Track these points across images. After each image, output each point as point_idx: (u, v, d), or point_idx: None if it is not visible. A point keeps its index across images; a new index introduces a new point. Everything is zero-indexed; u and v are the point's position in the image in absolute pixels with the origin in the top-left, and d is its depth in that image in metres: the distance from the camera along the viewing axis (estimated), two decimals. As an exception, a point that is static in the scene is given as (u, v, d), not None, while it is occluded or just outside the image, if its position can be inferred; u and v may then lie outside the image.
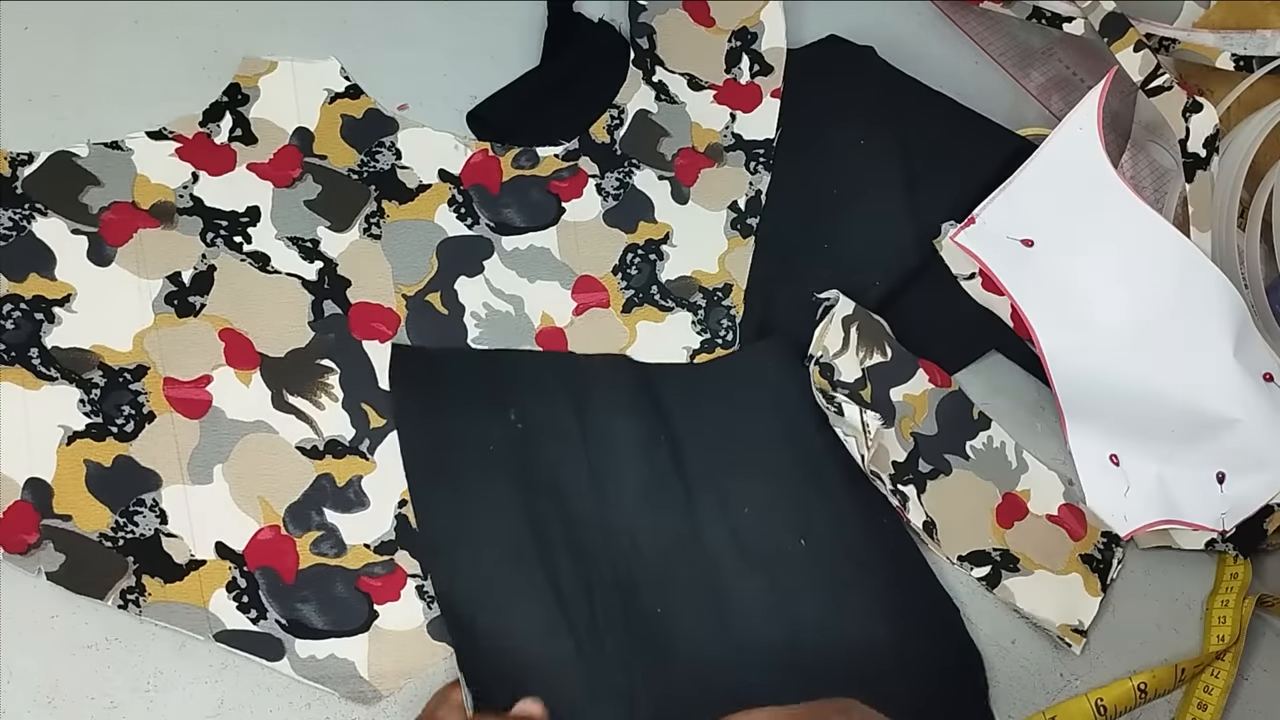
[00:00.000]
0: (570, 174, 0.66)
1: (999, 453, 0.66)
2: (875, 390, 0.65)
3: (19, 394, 0.55)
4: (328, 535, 0.57)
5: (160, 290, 0.58)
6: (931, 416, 0.66)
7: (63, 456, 0.55)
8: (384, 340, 0.61)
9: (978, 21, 0.76)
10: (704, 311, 0.66)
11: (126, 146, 0.60)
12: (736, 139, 0.69)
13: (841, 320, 0.65)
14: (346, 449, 0.58)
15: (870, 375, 0.66)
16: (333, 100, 0.64)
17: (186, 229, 0.60)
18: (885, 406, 0.65)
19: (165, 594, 0.54)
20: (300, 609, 0.55)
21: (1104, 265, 0.63)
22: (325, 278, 0.61)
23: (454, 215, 0.64)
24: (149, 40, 0.63)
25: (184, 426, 0.57)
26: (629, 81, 0.69)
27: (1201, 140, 0.64)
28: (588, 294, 0.64)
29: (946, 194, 0.69)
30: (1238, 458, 0.61)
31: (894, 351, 0.66)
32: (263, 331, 0.59)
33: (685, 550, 0.58)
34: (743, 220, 0.68)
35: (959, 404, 0.67)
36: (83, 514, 0.54)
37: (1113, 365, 0.63)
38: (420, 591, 0.57)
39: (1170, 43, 0.69)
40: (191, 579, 0.55)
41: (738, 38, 0.71)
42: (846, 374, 0.65)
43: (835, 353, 0.65)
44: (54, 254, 0.57)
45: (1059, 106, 0.75)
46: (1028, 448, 0.67)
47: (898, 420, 0.65)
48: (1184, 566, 0.67)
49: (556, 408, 0.60)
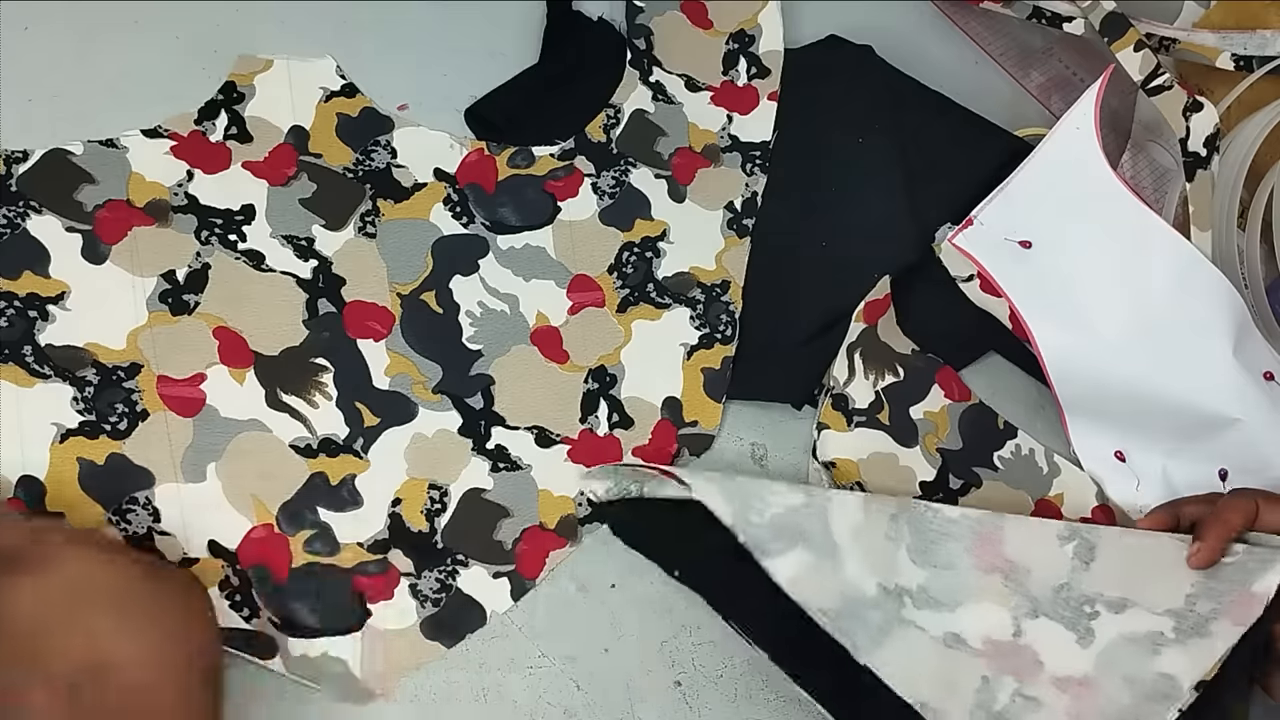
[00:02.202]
0: (566, 173, 0.66)
1: (1028, 460, 0.66)
2: (893, 411, 0.65)
3: (12, 391, 0.55)
4: (321, 534, 0.57)
5: (154, 288, 0.58)
6: (955, 431, 0.66)
7: (56, 454, 0.54)
8: (378, 339, 0.60)
9: (977, 21, 0.76)
10: (702, 306, 0.65)
11: (121, 144, 0.60)
12: (733, 140, 0.69)
13: (846, 349, 0.65)
14: (340, 448, 0.58)
15: (886, 396, 0.66)
16: (328, 99, 0.64)
17: (181, 227, 0.59)
18: (906, 426, 0.65)
19: (157, 592, 0.54)
20: (293, 607, 0.55)
21: (1102, 266, 0.63)
22: (320, 276, 0.61)
23: (449, 214, 0.64)
24: (149, 40, 0.63)
25: (177, 425, 0.56)
26: (626, 81, 0.69)
27: (1202, 140, 0.63)
28: (583, 293, 0.64)
29: (945, 193, 0.69)
30: (1240, 456, 0.61)
31: (906, 370, 0.66)
32: (257, 330, 0.59)
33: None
34: (739, 221, 0.67)
35: (982, 415, 0.67)
36: (76, 512, 0.54)
37: (1112, 366, 0.63)
38: (413, 590, 0.57)
39: (1170, 43, 0.69)
40: (183, 577, 0.55)
41: (735, 40, 0.71)
42: (860, 400, 0.65)
43: (844, 381, 0.65)
44: (48, 251, 0.57)
45: (1059, 106, 0.75)
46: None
47: (921, 437, 0.65)
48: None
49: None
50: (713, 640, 0.61)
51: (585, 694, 0.58)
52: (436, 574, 0.58)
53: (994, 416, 0.67)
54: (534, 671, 0.58)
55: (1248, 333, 0.61)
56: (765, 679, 0.61)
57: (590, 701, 0.58)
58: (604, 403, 0.63)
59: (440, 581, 0.58)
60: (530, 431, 0.61)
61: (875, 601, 0.54)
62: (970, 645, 0.54)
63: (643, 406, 0.63)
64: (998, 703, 0.52)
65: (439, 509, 0.59)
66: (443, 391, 0.61)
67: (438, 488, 0.59)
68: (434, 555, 0.58)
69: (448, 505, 0.59)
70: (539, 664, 0.58)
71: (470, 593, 0.58)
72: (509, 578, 0.59)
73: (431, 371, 0.61)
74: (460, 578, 0.58)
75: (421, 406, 0.60)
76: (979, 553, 0.57)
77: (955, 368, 0.68)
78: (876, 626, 0.54)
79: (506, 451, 0.61)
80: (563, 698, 0.58)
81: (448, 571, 0.58)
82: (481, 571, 0.58)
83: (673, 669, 0.60)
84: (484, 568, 0.58)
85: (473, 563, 0.58)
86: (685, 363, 0.64)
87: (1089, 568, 0.57)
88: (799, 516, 0.55)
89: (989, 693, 0.52)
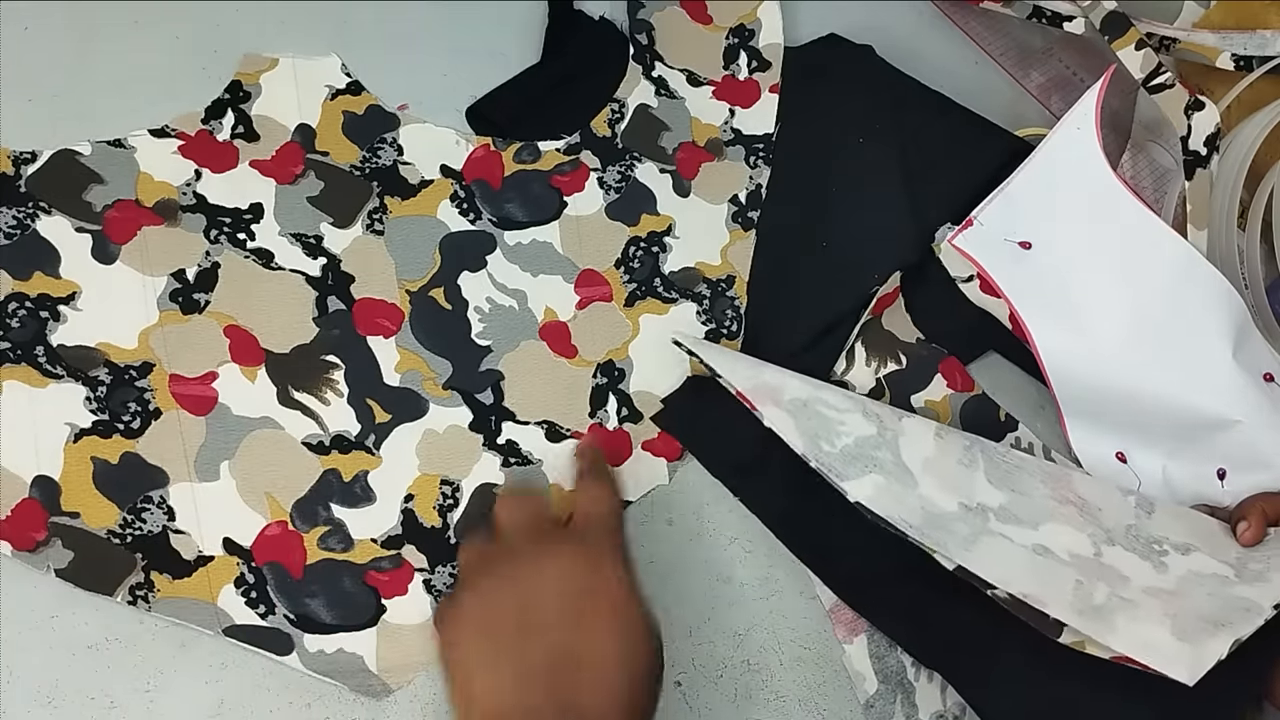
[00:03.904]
0: (572, 168, 0.66)
1: (1028, 453, 0.67)
2: (894, 398, 0.66)
3: (25, 392, 0.55)
4: (335, 530, 0.57)
5: (165, 287, 0.58)
6: (956, 421, 0.67)
7: (70, 454, 0.55)
8: (388, 336, 0.61)
9: (978, 21, 0.76)
10: (708, 302, 0.66)
11: (129, 144, 0.60)
12: (736, 134, 0.69)
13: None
14: (352, 444, 0.59)
15: (888, 384, 0.66)
16: (334, 97, 0.64)
17: (190, 226, 0.60)
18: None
19: (174, 590, 0.55)
20: (308, 604, 0.56)
21: (1102, 267, 0.63)
22: (329, 274, 0.61)
23: (456, 210, 0.64)
24: (149, 40, 0.63)
25: (190, 423, 0.57)
26: (629, 76, 0.69)
27: (1203, 139, 0.64)
28: (591, 288, 0.65)
29: (945, 193, 0.69)
30: (1238, 456, 0.61)
31: (909, 358, 0.67)
32: (267, 328, 0.59)
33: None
34: (744, 214, 0.68)
35: (984, 407, 0.68)
36: (90, 511, 0.54)
37: (1112, 367, 0.63)
38: (427, 585, 0.58)
39: (1170, 42, 0.69)
40: (200, 575, 0.55)
41: (735, 34, 0.72)
42: (861, 386, 0.66)
43: (845, 370, 0.66)
44: (58, 252, 0.57)
45: (1059, 106, 0.75)
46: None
47: None
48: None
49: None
50: (712, 640, 0.61)
51: (586, 693, 0.59)
52: (450, 569, 0.58)
53: (996, 409, 0.68)
54: (537, 670, 0.59)
55: (1248, 334, 0.61)
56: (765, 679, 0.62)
57: (591, 701, 0.59)
58: (613, 397, 0.63)
59: (454, 577, 0.58)
60: (540, 426, 0.62)
61: (958, 516, 0.55)
62: (1058, 556, 0.55)
63: (651, 400, 0.64)
64: (1095, 600, 0.53)
65: (451, 504, 0.59)
66: (453, 387, 0.61)
67: (450, 483, 0.60)
68: (447, 551, 0.58)
69: (460, 500, 0.59)
70: (542, 663, 0.59)
71: (483, 588, 0.58)
72: (521, 573, 0.59)
73: (441, 367, 0.61)
74: (473, 573, 0.58)
75: (432, 402, 0.60)
76: (1053, 486, 0.60)
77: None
78: (964, 536, 0.54)
79: (517, 446, 0.61)
80: (564, 697, 0.59)
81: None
82: (494, 567, 0.59)
83: (673, 669, 0.61)
84: (496, 563, 0.59)
85: (485, 558, 0.59)
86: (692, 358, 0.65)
87: (1150, 517, 0.60)
88: (869, 446, 0.57)
89: (1085, 592, 0.53)
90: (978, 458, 0.60)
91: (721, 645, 0.61)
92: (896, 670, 0.62)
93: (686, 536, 0.63)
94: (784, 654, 0.62)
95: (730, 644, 0.61)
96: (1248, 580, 0.55)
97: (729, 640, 0.61)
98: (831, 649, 0.62)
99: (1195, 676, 0.48)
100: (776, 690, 0.61)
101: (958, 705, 0.62)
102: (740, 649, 0.62)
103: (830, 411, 0.58)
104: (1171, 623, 0.51)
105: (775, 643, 0.62)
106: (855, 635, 0.62)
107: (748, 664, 0.61)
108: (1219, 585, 0.54)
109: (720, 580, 0.62)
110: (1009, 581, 0.51)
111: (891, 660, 0.62)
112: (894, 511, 0.54)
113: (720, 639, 0.61)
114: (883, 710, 0.62)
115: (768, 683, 0.61)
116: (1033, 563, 0.54)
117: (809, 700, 0.62)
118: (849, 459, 0.56)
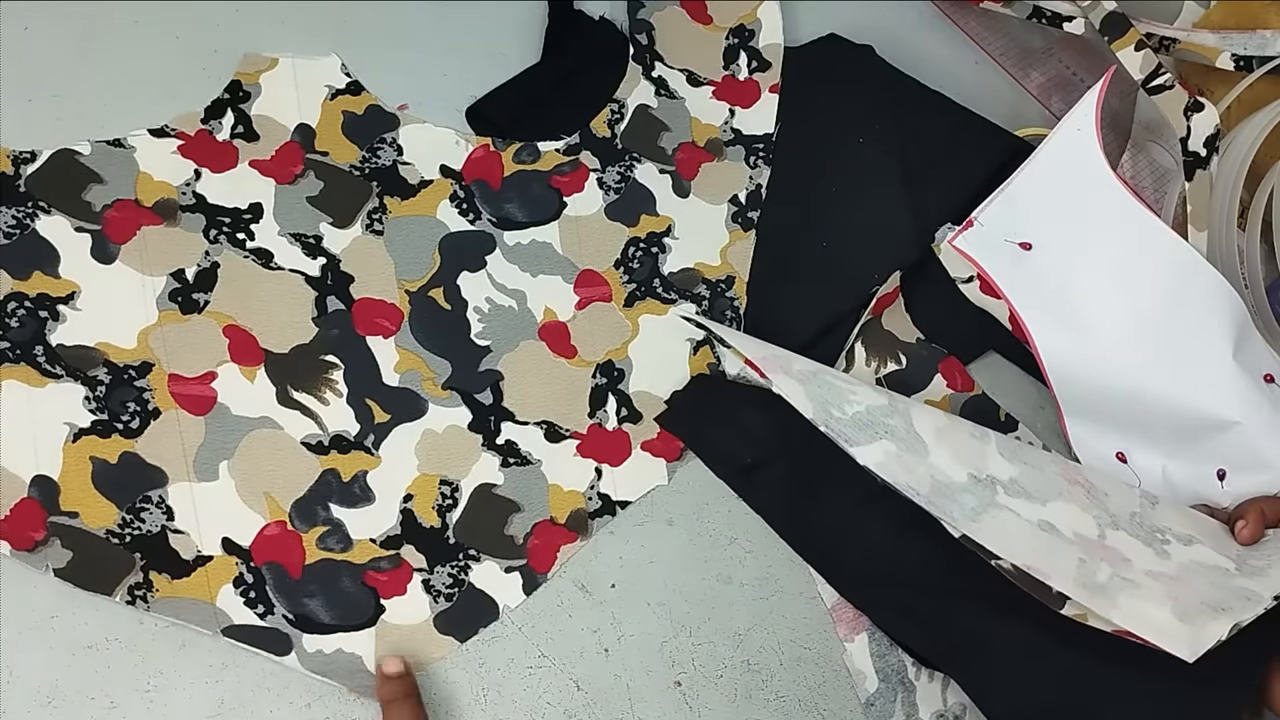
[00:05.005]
0: (572, 168, 0.66)
1: None
2: None
3: (24, 392, 0.55)
4: (334, 530, 0.57)
5: (164, 287, 0.58)
6: None
7: (69, 454, 0.55)
8: (387, 336, 0.61)
9: (978, 21, 0.76)
10: (707, 302, 0.66)
11: (129, 144, 0.60)
12: (736, 134, 0.69)
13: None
14: (351, 444, 0.59)
15: (888, 384, 0.67)
16: (334, 96, 0.64)
17: (189, 226, 0.60)
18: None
19: (173, 590, 0.54)
20: (307, 604, 0.56)
21: (1102, 268, 0.63)
22: (328, 274, 0.61)
23: (456, 211, 0.64)
24: (149, 40, 0.63)
25: (189, 423, 0.57)
26: (629, 76, 0.69)
27: (1202, 140, 0.64)
28: (590, 288, 0.65)
29: (945, 193, 0.69)
30: (1238, 457, 0.61)
31: (909, 358, 0.67)
32: (266, 328, 0.59)
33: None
34: (743, 214, 0.68)
35: (983, 407, 0.68)
36: (89, 511, 0.54)
37: (1112, 368, 0.63)
38: (426, 586, 0.57)
39: (1170, 43, 0.69)
40: (199, 575, 0.55)
41: (735, 35, 0.72)
42: None
43: (843, 370, 0.66)
44: (58, 252, 0.57)
45: (1059, 106, 0.75)
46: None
47: None
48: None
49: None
50: (712, 640, 0.61)
51: (585, 694, 0.59)
52: (449, 569, 0.58)
53: (996, 409, 0.68)
54: (534, 671, 0.59)
55: (1248, 335, 0.61)
56: (765, 679, 0.61)
57: (590, 702, 0.59)
58: (612, 397, 0.63)
59: (453, 577, 0.58)
60: (540, 426, 0.62)
61: (966, 487, 0.56)
62: (1063, 534, 0.55)
63: (651, 400, 0.64)
64: (1099, 578, 0.53)
65: (450, 504, 0.59)
66: (452, 387, 0.61)
67: (449, 483, 0.60)
68: (446, 550, 0.58)
69: (459, 500, 0.59)
70: (539, 664, 0.59)
71: (482, 588, 0.59)
72: (521, 572, 0.59)
73: (440, 368, 0.61)
74: (472, 573, 0.59)
75: (431, 403, 0.60)
76: (1063, 466, 0.60)
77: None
78: (970, 508, 0.54)
79: (516, 446, 0.61)
80: (563, 698, 0.59)
81: (460, 567, 0.58)
82: (493, 566, 0.59)
83: (673, 669, 0.61)
84: (496, 562, 0.59)
85: (484, 558, 0.59)
86: (692, 358, 0.65)
87: (1155, 508, 0.60)
88: (881, 414, 0.57)
89: (1089, 570, 0.53)
90: (989, 433, 0.60)
91: (721, 645, 0.61)
92: (897, 669, 0.62)
93: (686, 536, 0.63)
94: (784, 654, 0.62)
95: (730, 644, 0.61)
96: (1248, 574, 0.55)
97: (729, 640, 0.61)
98: (831, 649, 0.62)
99: (1195, 654, 0.48)
100: (776, 690, 0.61)
101: (958, 704, 0.62)
102: (740, 649, 0.62)
103: (840, 382, 0.59)
104: (1173, 604, 0.51)
105: (775, 643, 0.62)
106: (856, 634, 0.62)
107: (748, 664, 0.61)
108: (1220, 576, 0.55)
109: (720, 580, 0.62)
110: (1013, 555, 0.52)
111: (892, 659, 0.62)
112: (902, 479, 0.54)
113: (720, 639, 0.61)
114: (883, 709, 0.62)
115: (768, 683, 0.61)
116: (1037, 538, 0.54)
117: (809, 700, 0.62)
118: (860, 425, 0.56)
